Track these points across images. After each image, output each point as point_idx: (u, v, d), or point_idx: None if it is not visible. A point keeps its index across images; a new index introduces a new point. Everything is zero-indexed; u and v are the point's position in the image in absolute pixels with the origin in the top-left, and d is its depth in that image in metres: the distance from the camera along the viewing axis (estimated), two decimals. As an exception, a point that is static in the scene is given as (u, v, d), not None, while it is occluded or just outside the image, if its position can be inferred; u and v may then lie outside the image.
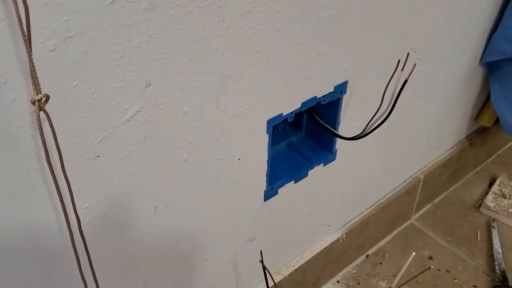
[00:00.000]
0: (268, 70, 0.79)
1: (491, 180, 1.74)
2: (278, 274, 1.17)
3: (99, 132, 0.64)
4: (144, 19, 0.59)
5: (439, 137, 1.47)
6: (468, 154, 1.65)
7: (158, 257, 0.86)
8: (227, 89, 0.75)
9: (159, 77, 0.66)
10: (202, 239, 0.92)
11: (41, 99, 0.52)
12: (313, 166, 1.04)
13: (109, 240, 0.76)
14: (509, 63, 1.32)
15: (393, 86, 0.88)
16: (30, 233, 0.66)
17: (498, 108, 1.40)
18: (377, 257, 1.46)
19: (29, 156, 0.59)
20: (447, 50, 1.18)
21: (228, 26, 0.69)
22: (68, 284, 0.74)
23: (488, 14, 1.23)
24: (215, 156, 0.82)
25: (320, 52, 0.85)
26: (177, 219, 0.84)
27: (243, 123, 0.82)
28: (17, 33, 0.49)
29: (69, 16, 0.53)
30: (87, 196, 0.69)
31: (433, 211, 1.63)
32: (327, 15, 0.81)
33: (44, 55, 0.54)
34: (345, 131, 1.02)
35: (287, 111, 0.88)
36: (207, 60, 0.70)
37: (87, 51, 0.57)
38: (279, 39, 0.77)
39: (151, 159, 0.73)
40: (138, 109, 0.66)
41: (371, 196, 1.37)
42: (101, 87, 0.61)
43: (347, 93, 0.97)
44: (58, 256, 0.71)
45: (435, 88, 1.25)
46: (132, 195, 0.74)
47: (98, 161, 0.67)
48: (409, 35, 1.03)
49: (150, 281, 0.88)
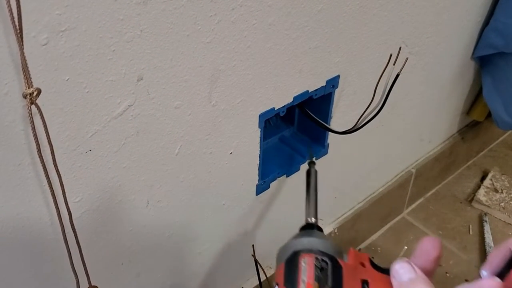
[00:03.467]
0: (260, 64, 0.79)
1: (483, 174, 1.74)
2: (270, 268, 1.17)
3: (91, 126, 0.64)
4: (136, 13, 0.59)
5: (431, 131, 1.47)
6: (460, 148, 1.66)
7: (150, 250, 0.86)
8: (219, 83, 0.75)
9: (151, 71, 0.66)
10: (194, 233, 0.92)
11: (33, 93, 0.52)
12: (305, 160, 1.04)
13: (101, 234, 0.76)
14: (501, 57, 1.32)
15: (385, 80, 0.89)
16: (23, 227, 0.66)
17: (490, 102, 1.41)
18: (369, 251, 1.47)
19: (21, 150, 0.59)
20: (439, 44, 1.18)
21: (220, 20, 0.69)
22: (61, 277, 0.74)
23: (479, 8, 1.24)
24: (207, 150, 0.82)
25: (312, 46, 0.85)
26: (169, 213, 0.84)
27: (235, 117, 0.82)
28: (8, 27, 0.49)
29: (61, 10, 0.53)
30: (79, 190, 0.69)
31: (425, 205, 1.63)
32: (319, 9, 0.81)
33: (36, 49, 0.54)
34: (337, 125, 1.02)
35: (279, 105, 0.88)
36: (199, 54, 0.70)
37: (79, 45, 0.57)
38: (271, 33, 0.77)
39: (143, 153, 0.73)
40: (130, 103, 0.66)
41: (363, 190, 1.37)
42: (93, 81, 0.61)
43: (339, 87, 0.97)
44: (50, 249, 0.71)
45: (427, 82, 1.25)
46: (124, 189, 0.74)
47: (90, 155, 0.67)
48: (401, 29, 1.03)
49: (142, 275, 0.88)
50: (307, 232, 0.76)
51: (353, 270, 0.63)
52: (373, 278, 0.62)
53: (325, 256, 0.64)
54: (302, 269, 0.62)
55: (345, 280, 0.61)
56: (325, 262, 0.63)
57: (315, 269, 0.61)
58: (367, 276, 0.62)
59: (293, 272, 0.63)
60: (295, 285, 0.60)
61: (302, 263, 0.63)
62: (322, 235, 0.71)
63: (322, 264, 0.62)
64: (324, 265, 0.62)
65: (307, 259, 0.63)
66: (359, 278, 0.62)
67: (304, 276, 0.61)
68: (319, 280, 0.60)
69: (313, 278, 0.60)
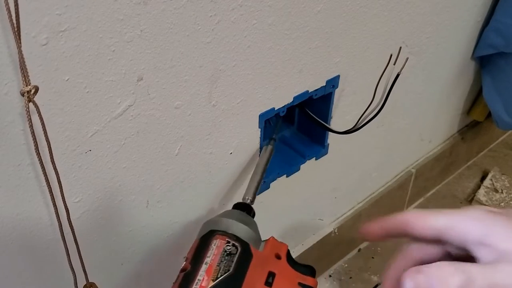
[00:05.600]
0: (260, 64, 0.79)
1: (483, 174, 1.74)
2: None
3: (91, 126, 0.64)
4: (136, 13, 0.59)
5: (431, 131, 1.47)
6: (460, 148, 1.66)
7: (150, 251, 0.86)
8: (219, 83, 0.75)
9: (151, 71, 0.66)
10: (194, 233, 0.92)
11: (30, 91, 0.52)
12: (305, 160, 1.04)
13: (101, 234, 0.76)
14: (501, 57, 1.32)
15: (385, 80, 0.88)
16: (22, 227, 0.66)
17: (490, 102, 1.41)
18: (369, 251, 1.47)
19: (21, 150, 0.59)
20: (439, 44, 1.18)
21: (220, 20, 0.69)
22: (60, 276, 0.74)
23: (480, 8, 1.23)
24: (207, 150, 0.82)
25: (312, 46, 0.85)
26: (169, 214, 0.84)
27: (235, 117, 0.82)
28: (7, 27, 0.49)
29: (61, 10, 0.53)
30: (79, 190, 0.69)
31: (425, 205, 1.63)
32: (318, 9, 0.81)
33: (36, 49, 0.54)
34: (337, 125, 1.02)
35: (279, 105, 0.88)
36: (199, 54, 0.70)
37: (79, 45, 0.57)
38: (271, 33, 0.77)
39: (143, 153, 0.73)
40: (130, 103, 0.66)
41: (363, 190, 1.37)
42: (93, 81, 0.61)
43: (339, 87, 0.97)
44: (50, 249, 0.71)
45: (427, 82, 1.25)
46: (124, 189, 0.74)
47: (90, 155, 0.67)
48: (401, 29, 1.03)
49: (142, 276, 0.88)
50: (234, 212, 0.76)
51: (264, 260, 0.65)
52: (282, 272, 0.64)
53: (238, 242, 0.65)
54: (210, 250, 0.63)
55: (250, 268, 0.62)
56: (235, 247, 0.64)
57: (222, 253, 0.63)
58: (276, 269, 0.64)
59: (202, 251, 0.64)
60: (198, 264, 0.62)
61: (212, 244, 0.64)
62: (247, 219, 0.72)
63: (232, 249, 0.63)
64: (233, 251, 0.63)
65: (218, 242, 0.64)
66: (267, 269, 0.63)
67: (209, 258, 0.62)
68: (221, 265, 0.61)
69: (216, 262, 0.61)
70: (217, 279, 0.60)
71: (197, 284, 0.59)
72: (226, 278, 0.60)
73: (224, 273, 0.60)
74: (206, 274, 0.60)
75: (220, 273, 0.60)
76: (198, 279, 0.59)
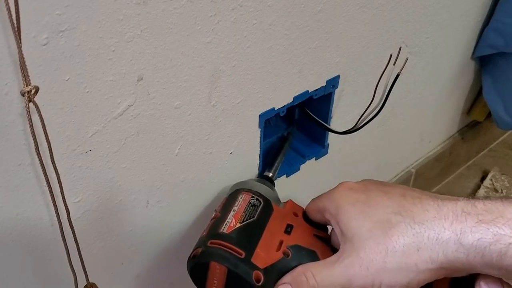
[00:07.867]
0: (260, 64, 0.79)
1: (483, 174, 1.75)
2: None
3: (91, 126, 0.64)
4: (136, 13, 0.59)
5: (431, 131, 1.47)
6: (460, 148, 1.66)
7: (150, 251, 0.86)
8: (219, 83, 0.75)
9: (151, 71, 0.66)
10: (194, 233, 0.92)
11: (31, 91, 0.52)
12: (305, 160, 1.04)
13: (101, 234, 0.76)
14: (501, 57, 1.32)
15: (385, 80, 0.89)
16: (22, 227, 0.66)
17: (490, 102, 1.41)
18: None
19: (21, 151, 0.59)
20: (439, 44, 1.18)
21: (220, 20, 0.69)
22: (61, 277, 0.74)
23: (480, 8, 1.24)
24: (207, 150, 0.82)
25: (312, 46, 0.85)
26: (169, 213, 0.84)
27: (235, 117, 0.82)
28: (8, 28, 0.49)
29: (61, 10, 0.53)
30: (79, 190, 0.69)
31: (425, 205, 1.63)
32: (319, 9, 0.81)
33: (36, 49, 0.54)
34: (337, 125, 1.02)
35: (279, 105, 0.88)
36: (199, 54, 0.70)
37: (79, 45, 0.57)
38: (271, 33, 0.77)
39: (143, 153, 0.73)
40: (130, 103, 0.66)
41: (363, 190, 1.37)
42: (93, 81, 0.61)
43: (339, 87, 0.97)
44: (50, 249, 0.71)
45: (427, 82, 1.25)
46: (124, 189, 0.74)
47: (90, 155, 0.67)
48: (401, 29, 1.03)
49: (142, 276, 0.88)
50: (258, 179, 0.90)
51: (284, 215, 0.75)
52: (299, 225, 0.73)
53: (261, 197, 0.77)
54: (237, 202, 0.75)
55: (271, 219, 0.72)
56: (259, 201, 0.75)
57: (247, 204, 0.74)
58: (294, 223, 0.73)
59: (230, 203, 0.76)
60: (227, 212, 0.73)
61: (239, 198, 0.77)
62: (268, 184, 0.84)
63: (256, 202, 0.75)
64: (257, 203, 0.75)
65: (244, 196, 0.77)
66: (285, 222, 0.73)
67: (236, 207, 0.74)
68: (246, 212, 0.72)
69: (242, 210, 0.73)
70: (243, 222, 0.70)
71: (226, 225, 0.69)
72: (251, 222, 0.70)
73: (249, 219, 0.71)
74: (234, 218, 0.71)
75: (246, 218, 0.71)
76: (227, 221, 0.70)
